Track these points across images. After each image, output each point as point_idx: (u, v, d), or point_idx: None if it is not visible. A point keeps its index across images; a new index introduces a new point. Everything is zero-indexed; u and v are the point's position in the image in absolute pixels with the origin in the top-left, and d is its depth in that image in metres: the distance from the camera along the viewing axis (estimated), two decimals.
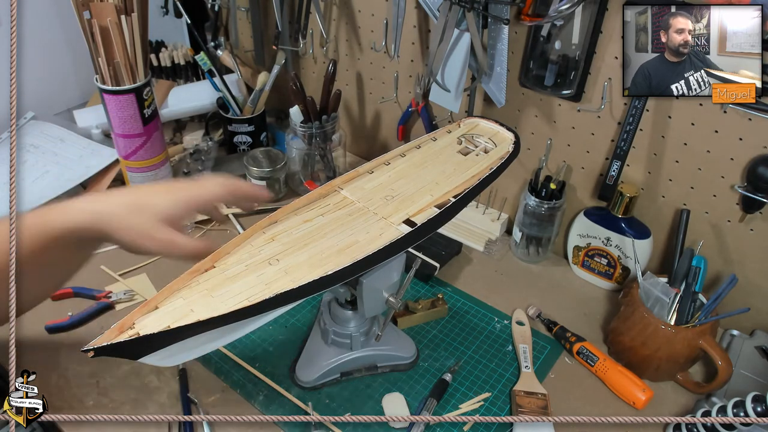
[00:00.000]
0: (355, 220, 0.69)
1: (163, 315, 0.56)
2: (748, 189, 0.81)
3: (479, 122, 0.87)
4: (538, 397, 0.81)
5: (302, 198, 0.72)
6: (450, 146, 0.82)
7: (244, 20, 1.33)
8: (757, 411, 0.67)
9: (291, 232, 0.67)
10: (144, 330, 0.54)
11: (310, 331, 0.88)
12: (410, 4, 1.02)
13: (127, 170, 1.11)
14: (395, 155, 0.80)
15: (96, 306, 0.94)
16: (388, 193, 0.73)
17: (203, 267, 0.62)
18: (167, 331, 0.54)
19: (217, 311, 0.56)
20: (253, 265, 0.63)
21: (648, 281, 0.85)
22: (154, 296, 0.58)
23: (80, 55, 1.25)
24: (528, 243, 1.04)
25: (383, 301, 0.76)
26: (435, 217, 0.69)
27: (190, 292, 0.59)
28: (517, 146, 0.81)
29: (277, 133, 1.35)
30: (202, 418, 0.77)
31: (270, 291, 0.58)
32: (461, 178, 0.76)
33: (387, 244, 0.64)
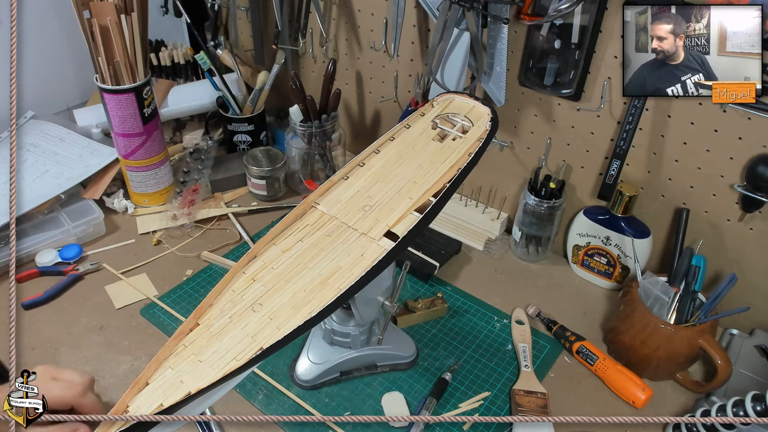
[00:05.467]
0: (334, 242, 0.66)
1: (154, 391, 0.56)
2: (748, 188, 0.81)
3: (454, 98, 0.82)
4: (538, 396, 0.81)
5: (280, 223, 0.69)
6: (425, 133, 0.77)
7: (243, 19, 1.33)
8: (757, 410, 0.67)
9: (272, 266, 0.65)
10: (137, 411, 0.54)
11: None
12: (410, 4, 1.02)
13: (127, 169, 1.11)
14: (369, 153, 0.76)
15: (66, 279, 0.97)
16: (366, 202, 0.70)
17: (188, 327, 0.61)
18: (160, 412, 0.54)
19: (206, 379, 0.55)
20: (237, 315, 0.61)
21: (647, 280, 0.85)
22: (144, 371, 0.57)
23: (80, 55, 1.25)
24: (528, 242, 1.04)
25: (379, 306, 0.75)
26: (417, 224, 0.66)
27: (177, 360, 0.58)
28: (494, 122, 0.76)
29: (276, 132, 1.35)
30: (202, 417, 0.77)
31: (256, 345, 0.57)
32: (440, 171, 0.72)
33: (370, 268, 0.62)
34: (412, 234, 0.65)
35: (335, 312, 0.81)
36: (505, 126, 1.03)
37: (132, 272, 1.01)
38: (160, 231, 1.10)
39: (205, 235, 1.10)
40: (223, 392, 0.60)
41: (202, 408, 0.59)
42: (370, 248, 0.65)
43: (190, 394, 0.54)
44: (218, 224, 1.13)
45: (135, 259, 1.04)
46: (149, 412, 0.54)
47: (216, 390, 0.57)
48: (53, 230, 1.04)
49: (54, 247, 1.03)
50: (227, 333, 0.59)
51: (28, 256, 1.02)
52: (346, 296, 0.61)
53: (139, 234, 1.10)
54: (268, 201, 1.19)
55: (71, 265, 1.01)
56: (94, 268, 1.01)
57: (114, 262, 1.03)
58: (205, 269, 1.03)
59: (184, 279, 1.01)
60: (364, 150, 0.76)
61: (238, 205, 1.18)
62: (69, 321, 0.92)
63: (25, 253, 1.01)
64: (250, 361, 0.56)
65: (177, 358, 0.58)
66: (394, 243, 0.64)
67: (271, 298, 0.62)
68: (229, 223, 1.13)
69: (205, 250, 1.05)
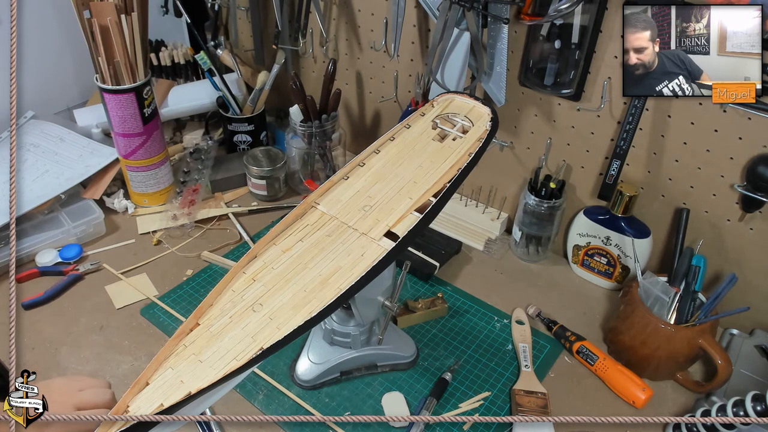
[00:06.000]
0: (335, 242, 0.66)
1: (154, 391, 0.56)
2: (748, 188, 0.81)
3: (454, 98, 0.82)
4: (538, 396, 0.81)
5: (280, 223, 0.68)
6: (425, 133, 0.77)
7: (243, 19, 1.33)
8: (757, 410, 0.67)
9: (272, 267, 0.65)
10: (138, 411, 0.54)
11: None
12: (410, 4, 1.02)
13: (127, 169, 1.11)
14: (369, 153, 0.76)
15: (67, 279, 0.97)
16: (366, 202, 0.69)
17: (188, 327, 0.60)
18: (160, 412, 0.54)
19: (206, 379, 0.55)
20: (237, 315, 0.61)
21: (648, 280, 0.85)
22: (144, 371, 0.57)
23: (80, 55, 1.25)
24: (528, 242, 1.04)
25: (379, 306, 0.75)
26: (417, 224, 0.65)
27: (177, 360, 0.58)
28: (494, 122, 0.76)
29: (276, 132, 1.35)
30: (202, 417, 0.77)
31: (257, 345, 0.57)
32: (440, 171, 0.71)
33: (370, 268, 0.62)
34: (412, 234, 0.65)
35: (335, 312, 0.81)
36: (505, 126, 1.03)
37: (132, 272, 1.01)
38: (160, 231, 1.10)
39: (205, 235, 1.10)
40: (223, 392, 0.60)
41: (203, 408, 0.60)
42: (370, 248, 0.65)
43: (190, 394, 0.54)
44: (218, 224, 1.13)
45: (135, 259, 1.04)
46: (149, 412, 0.54)
47: (216, 390, 0.57)
48: (53, 230, 1.04)
49: (54, 247, 1.03)
50: (227, 333, 0.59)
51: (29, 256, 1.02)
52: (346, 296, 0.61)
53: (139, 234, 1.10)
54: (268, 201, 1.19)
55: (71, 265, 1.01)
56: (94, 268, 1.01)
57: (114, 262, 1.03)
58: (205, 269, 1.03)
59: (184, 279, 1.01)
60: (364, 150, 0.76)
61: (238, 205, 1.18)
62: (69, 321, 0.92)
63: (26, 253, 1.01)
64: (250, 361, 0.56)
65: (177, 358, 0.58)
66: (394, 243, 0.64)
67: (271, 298, 0.62)
68: (229, 223, 1.13)
69: (205, 250, 1.05)
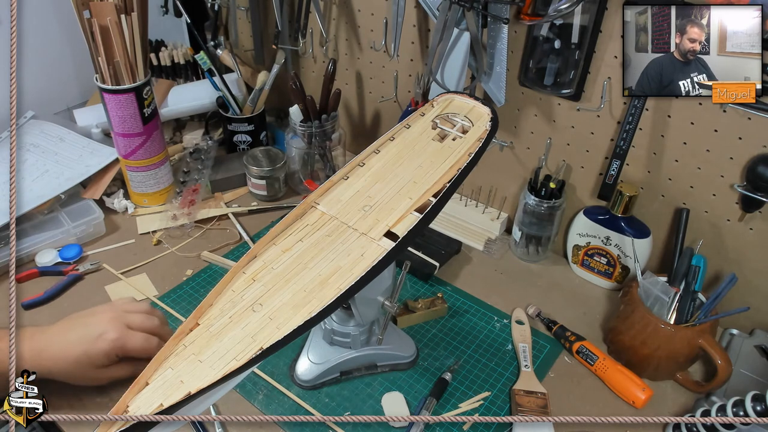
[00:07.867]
0: (334, 242, 0.66)
1: (154, 391, 0.56)
2: (748, 188, 0.81)
3: (454, 98, 0.82)
4: (538, 396, 0.81)
5: (280, 223, 0.68)
6: (425, 133, 0.77)
7: (243, 19, 1.33)
8: (757, 410, 0.67)
9: (272, 267, 0.65)
10: (137, 411, 0.54)
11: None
12: (410, 4, 1.02)
13: (127, 169, 1.11)
14: (369, 153, 0.76)
15: (66, 279, 0.97)
16: (366, 202, 0.70)
17: (188, 327, 0.61)
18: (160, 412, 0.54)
19: (206, 379, 0.55)
20: (237, 315, 0.61)
21: (647, 280, 0.85)
22: (144, 371, 0.57)
23: (80, 55, 1.25)
24: (528, 242, 1.04)
25: (379, 306, 0.75)
26: (417, 224, 0.65)
27: (177, 360, 0.58)
28: (494, 122, 0.76)
29: (276, 132, 1.35)
30: (202, 417, 0.77)
31: (256, 345, 0.57)
32: (440, 171, 0.72)
33: (370, 268, 0.62)
34: (412, 234, 0.65)
35: (335, 312, 0.81)
36: (505, 126, 1.03)
37: (132, 272, 1.01)
38: (160, 231, 1.10)
39: (205, 235, 1.10)
40: (223, 392, 0.60)
41: (202, 408, 0.60)
42: (370, 248, 0.65)
43: (190, 394, 0.54)
44: (218, 224, 1.13)
45: (135, 259, 1.04)
46: (149, 412, 0.54)
47: (216, 390, 0.57)
48: (53, 230, 1.04)
49: (54, 247, 1.03)
50: (227, 333, 0.59)
51: (28, 256, 1.02)
52: (346, 296, 0.61)
53: (139, 234, 1.09)
54: (268, 201, 1.19)
55: (71, 265, 1.01)
56: (94, 268, 1.01)
57: (114, 262, 1.03)
58: (205, 269, 1.03)
59: (184, 279, 1.00)
60: (364, 150, 0.76)
61: (238, 205, 1.18)
62: None
63: (25, 253, 1.01)
64: (250, 361, 0.56)
65: (177, 358, 0.58)
66: (394, 243, 0.64)
67: (271, 298, 0.62)
68: (229, 223, 1.13)
69: (205, 250, 1.05)
